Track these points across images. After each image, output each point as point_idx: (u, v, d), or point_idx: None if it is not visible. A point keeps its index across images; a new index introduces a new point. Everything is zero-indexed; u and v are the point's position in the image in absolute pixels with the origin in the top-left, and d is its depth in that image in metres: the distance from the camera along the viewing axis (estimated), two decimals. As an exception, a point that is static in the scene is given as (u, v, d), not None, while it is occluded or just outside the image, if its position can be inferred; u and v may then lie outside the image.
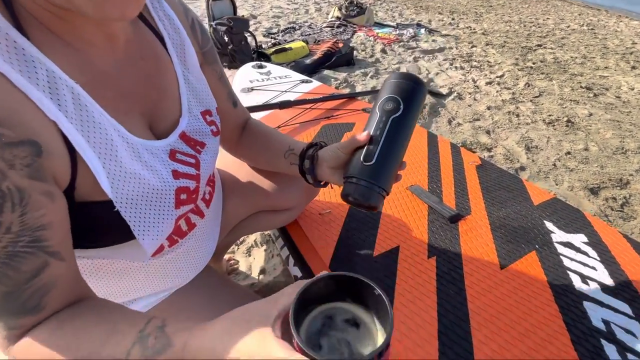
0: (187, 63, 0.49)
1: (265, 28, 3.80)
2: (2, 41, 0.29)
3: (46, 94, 0.31)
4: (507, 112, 2.14)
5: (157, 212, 0.40)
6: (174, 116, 0.46)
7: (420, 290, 0.64)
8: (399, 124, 0.46)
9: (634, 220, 1.31)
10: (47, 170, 0.31)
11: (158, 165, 0.41)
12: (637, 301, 0.63)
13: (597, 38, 4.59)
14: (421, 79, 0.49)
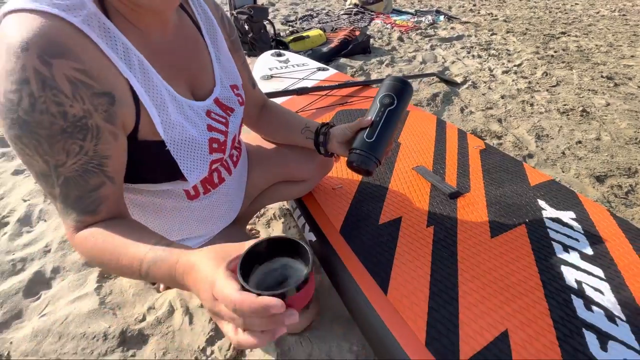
0: (218, 47, 0.61)
1: (283, 15, 3.86)
2: (96, 24, 0.42)
3: (122, 60, 0.44)
4: (521, 101, 2.16)
5: (196, 154, 0.53)
6: (210, 86, 0.59)
7: (417, 252, 0.75)
8: (392, 113, 0.64)
9: (636, 207, 1.35)
10: (118, 116, 0.44)
11: (196, 119, 0.54)
12: (611, 267, 0.72)
13: (628, 25, 4.38)
14: (409, 82, 0.65)
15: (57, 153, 0.40)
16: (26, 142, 0.39)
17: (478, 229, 0.81)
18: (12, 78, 0.36)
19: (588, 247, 0.77)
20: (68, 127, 0.39)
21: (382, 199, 0.91)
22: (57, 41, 0.37)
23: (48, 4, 0.38)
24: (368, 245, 0.76)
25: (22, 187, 1.28)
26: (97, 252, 0.44)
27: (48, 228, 1.12)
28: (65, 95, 0.38)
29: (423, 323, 0.60)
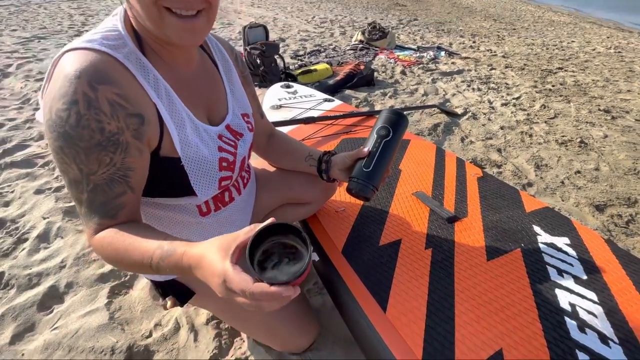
0: (232, 81, 0.70)
1: (292, 50, 4.12)
2: (134, 59, 0.51)
3: (152, 88, 0.52)
4: (520, 132, 2.24)
5: (206, 171, 0.60)
6: (223, 113, 0.67)
7: (415, 273, 0.78)
8: (388, 144, 0.69)
9: (637, 237, 1.36)
10: (145, 134, 0.51)
11: (209, 141, 0.61)
12: (604, 292, 0.74)
13: (624, 61, 4.55)
14: (404, 114, 0.70)
15: (91, 163, 0.47)
16: (67, 152, 0.46)
17: (475, 252, 0.85)
18: (64, 99, 0.44)
19: (582, 272, 0.79)
20: (103, 141, 0.47)
21: (382, 222, 0.96)
22: (103, 71, 0.46)
23: (99, 44, 0.47)
24: (368, 265, 0.80)
25: (42, 206, 1.36)
26: (112, 249, 0.49)
27: (65, 245, 1.18)
28: (105, 114, 0.46)
29: (420, 340, 0.63)
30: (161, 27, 0.48)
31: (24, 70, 2.84)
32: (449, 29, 6.58)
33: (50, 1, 6.93)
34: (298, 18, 6.66)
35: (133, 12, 0.50)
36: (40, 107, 0.50)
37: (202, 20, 0.50)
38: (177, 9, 0.47)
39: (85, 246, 1.18)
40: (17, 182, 1.49)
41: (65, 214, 1.32)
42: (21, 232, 1.23)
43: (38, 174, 1.56)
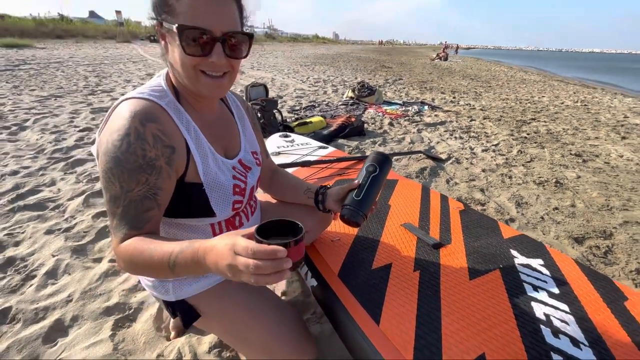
0: (244, 126, 0.86)
1: (289, 106, 4.49)
2: (172, 106, 0.66)
3: (184, 127, 0.66)
4: (501, 174, 2.42)
5: (222, 194, 0.72)
6: (237, 150, 0.81)
7: (405, 291, 0.86)
8: (375, 179, 0.81)
9: (616, 265, 1.45)
10: (174, 162, 0.63)
11: (225, 170, 0.74)
12: (575, 303, 0.82)
13: (590, 112, 5.02)
14: (389, 156, 0.85)
15: (131, 181, 0.59)
16: (114, 172, 0.58)
17: (458, 273, 0.93)
18: (119, 132, 0.58)
19: (555, 287, 0.87)
20: (144, 165, 0.59)
21: (374, 249, 1.05)
22: (150, 113, 0.61)
23: (147, 95, 0.62)
24: (362, 286, 0.88)
25: (52, 245, 1.42)
26: (136, 252, 0.57)
27: (72, 280, 1.23)
28: (149, 144, 0.59)
29: (411, 347, 0.69)
30: (196, 84, 0.64)
31: (40, 125, 3.06)
32: (431, 86, 7.26)
33: (67, 65, 7.59)
34: (294, 78, 7.33)
35: (175, 73, 0.67)
36: (96, 142, 0.63)
37: (227, 79, 0.67)
38: (209, 72, 0.64)
39: (93, 281, 1.22)
40: (28, 224, 1.56)
41: (74, 252, 1.38)
42: (30, 270, 1.27)
43: (49, 216, 1.64)
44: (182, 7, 0.57)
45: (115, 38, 20.92)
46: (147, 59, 10.16)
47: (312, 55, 17.42)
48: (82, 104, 3.93)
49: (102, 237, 1.51)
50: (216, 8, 0.58)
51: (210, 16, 0.58)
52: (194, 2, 0.57)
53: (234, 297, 0.82)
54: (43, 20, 23.32)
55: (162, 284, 0.79)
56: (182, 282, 0.79)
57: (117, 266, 0.66)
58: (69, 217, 1.64)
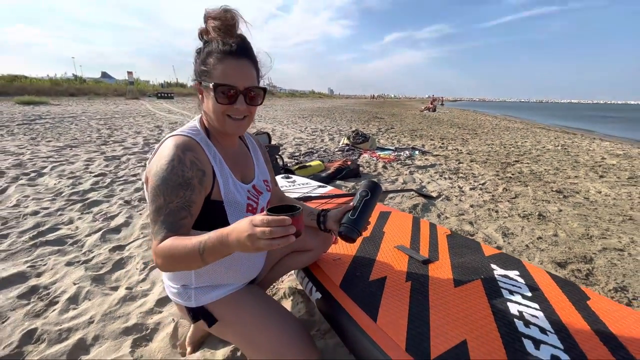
0: (257, 159, 1.06)
1: (289, 152, 4.81)
2: (204, 141, 0.86)
3: (212, 157, 0.85)
4: (488, 209, 2.60)
5: (238, 211, 0.88)
6: (251, 177, 1.00)
7: (398, 296, 0.98)
8: (368, 202, 0.98)
9: (596, 286, 1.56)
10: (204, 182, 0.81)
11: (242, 192, 0.92)
12: (544, 303, 0.95)
13: (570, 155, 5.37)
14: (379, 183, 1.02)
15: (172, 195, 0.76)
16: (161, 188, 0.76)
17: (444, 282, 1.06)
18: (166, 159, 0.77)
19: (528, 291, 1.01)
20: (182, 182, 0.77)
21: (371, 265, 1.19)
22: (188, 145, 0.80)
23: (187, 133, 0.83)
24: (361, 293, 1.00)
25: (73, 274, 1.53)
26: (172, 247, 0.72)
27: (93, 305, 1.32)
28: (187, 167, 0.78)
29: (403, 337, 0.80)
30: (223, 125, 0.86)
31: (58, 171, 3.28)
32: (421, 134, 7.76)
33: (80, 119, 8.10)
34: (293, 129, 7.83)
35: (207, 118, 0.88)
36: (147, 168, 0.82)
37: (246, 121, 0.88)
38: (233, 116, 0.85)
39: (112, 305, 1.32)
40: (49, 257, 1.68)
41: (94, 280, 1.48)
42: (52, 296, 1.37)
43: (68, 250, 1.76)
44: (217, 72, 0.80)
45: (124, 95, 22.38)
46: (155, 114, 10.84)
47: (309, 109, 18.58)
48: (96, 153, 4.21)
49: (119, 268, 1.62)
50: (240, 71, 0.81)
51: (236, 77, 0.80)
52: (225, 68, 0.80)
53: (248, 305, 0.94)
54: (58, 81, 25.12)
55: (186, 290, 0.92)
56: (203, 289, 0.92)
57: (155, 263, 0.79)
58: (87, 251, 1.76)
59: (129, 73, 24.84)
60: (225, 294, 0.94)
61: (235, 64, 0.79)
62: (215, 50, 0.79)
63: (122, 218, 2.19)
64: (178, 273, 0.93)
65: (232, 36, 0.80)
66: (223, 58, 0.79)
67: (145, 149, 4.63)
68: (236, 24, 0.81)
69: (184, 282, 0.93)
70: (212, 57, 0.79)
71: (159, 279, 1.52)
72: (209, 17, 0.80)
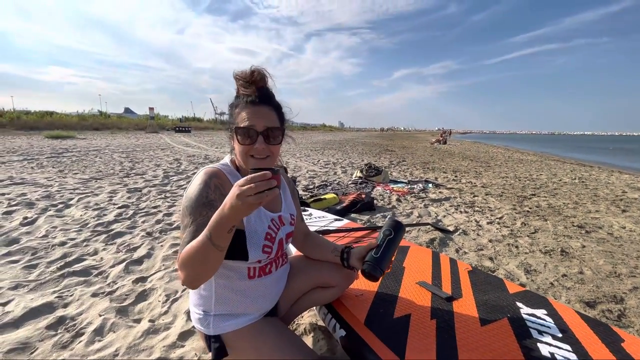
0: (285, 194, 1.11)
1: (303, 185, 4.89)
2: (232, 173, 0.92)
3: None
4: (507, 244, 2.55)
5: (256, 237, 0.92)
6: (279, 209, 1.04)
7: (424, 335, 0.97)
8: (391, 241, 0.99)
9: (630, 328, 1.49)
10: None
11: (264, 219, 0.96)
12: (576, 344, 0.92)
13: (588, 188, 5.27)
14: (402, 223, 1.04)
15: (196, 214, 0.82)
16: (188, 208, 0.82)
17: (470, 321, 1.05)
18: (196, 184, 0.85)
19: (558, 331, 0.98)
20: (206, 202, 0.83)
21: (394, 302, 1.19)
22: (215, 174, 0.88)
23: (217, 165, 0.91)
24: (386, 332, 1.00)
25: (98, 306, 1.56)
26: (187, 250, 0.75)
27: (117, 337, 1.34)
28: (211, 190, 0.85)
29: (433, 378, 0.79)
30: (247, 164, 0.93)
31: (84, 202, 3.43)
32: (433, 167, 7.80)
33: (104, 152, 8.53)
34: (306, 161, 8.01)
35: (236, 157, 0.96)
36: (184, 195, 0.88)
37: (268, 160, 0.95)
38: (256, 156, 0.93)
39: (136, 337, 1.33)
40: (76, 288, 1.73)
41: (118, 312, 1.51)
42: (79, 327, 1.40)
43: (93, 281, 1.81)
44: (240, 117, 0.89)
45: (145, 129, 23.56)
46: (174, 147, 11.32)
47: (320, 142, 19.02)
48: (119, 185, 4.39)
49: (142, 299, 1.65)
50: (259, 114, 0.89)
51: (254, 119, 0.88)
52: (246, 113, 0.88)
53: (264, 336, 0.96)
54: (85, 116, 26.82)
55: (206, 317, 0.96)
56: (222, 317, 0.96)
57: (180, 281, 0.82)
58: (111, 282, 1.81)
59: (150, 109, 26.33)
60: (243, 324, 0.96)
61: (254, 109, 0.88)
62: (241, 101, 0.90)
63: (144, 250, 2.26)
64: (201, 298, 0.97)
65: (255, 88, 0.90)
66: (245, 106, 0.89)
67: (165, 182, 4.81)
68: (263, 80, 0.91)
69: (205, 308, 0.97)
70: (237, 107, 0.90)
71: (181, 312, 1.54)
72: (236, 77, 0.91)
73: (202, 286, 0.97)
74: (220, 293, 0.95)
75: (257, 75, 0.90)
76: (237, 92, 0.92)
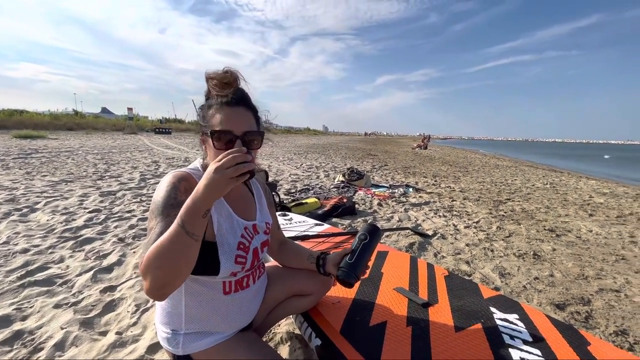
0: (261, 203, 1.08)
1: (285, 189, 4.85)
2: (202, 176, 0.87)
3: None
4: (483, 248, 2.62)
5: (228, 247, 0.87)
6: (253, 217, 1.00)
7: (400, 343, 0.97)
8: (366, 246, 0.97)
9: (597, 329, 1.55)
10: None
11: (237, 228, 0.92)
12: (546, 349, 0.94)
13: (558, 193, 5.52)
14: (378, 227, 1.02)
15: (163, 214, 0.76)
16: (155, 211, 0.77)
17: (445, 327, 1.06)
18: (162, 187, 0.80)
19: (528, 336, 1.00)
20: (174, 203, 0.78)
21: (371, 309, 1.18)
22: (184, 176, 0.83)
23: (186, 169, 0.87)
24: (362, 340, 0.99)
25: (61, 318, 1.46)
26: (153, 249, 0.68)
27: (80, 352, 1.26)
28: (180, 192, 0.80)
29: (407, 387, 0.79)
30: None
31: (51, 207, 3.24)
32: (414, 171, 7.94)
33: (77, 153, 8.14)
34: (289, 165, 7.96)
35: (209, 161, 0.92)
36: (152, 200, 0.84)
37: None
38: None
39: (101, 352, 1.25)
40: (37, 299, 1.62)
41: (82, 324, 1.42)
42: (37, 342, 1.30)
43: (57, 291, 1.70)
44: (215, 120, 0.84)
45: (123, 130, 22.75)
46: (153, 149, 10.98)
47: (304, 145, 19.01)
48: (92, 188, 4.20)
49: (109, 310, 1.56)
50: (236, 118, 0.84)
51: (232, 123, 0.83)
52: (222, 116, 0.83)
53: (237, 354, 0.90)
54: (58, 115, 25.52)
55: (175, 336, 0.90)
56: (192, 336, 0.90)
57: (145, 291, 0.72)
58: (77, 292, 1.70)
59: (129, 109, 25.46)
60: (215, 343, 0.91)
61: (231, 112, 0.83)
62: (215, 102, 0.84)
63: (115, 256, 2.15)
64: (168, 316, 0.91)
65: (230, 89, 0.86)
66: (220, 108, 0.83)
67: (142, 184, 4.64)
68: (236, 81, 0.87)
69: (174, 327, 0.90)
70: (211, 109, 0.84)
71: (152, 323, 1.47)
72: (209, 77, 0.86)
73: (170, 303, 0.90)
74: (192, 311, 0.89)
75: (231, 76, 0.87)
76: (208, 93, 0.88)
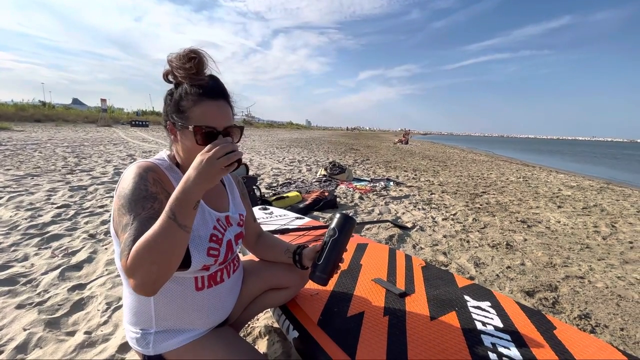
0: (233, 195, 1.05)
1: (267, 183, 4.79)
2: (169, 167, 0.84)
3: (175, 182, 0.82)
4: (460, 239, 2.69)
5: (200, 239, 0.84)
6: (225, 209, 0.97)
7: (376, 333, 0.98)
8: (335, 242, 0.92)
9: (562, 314, 1.63)
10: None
11: (209, 219, 0.88)
12: (515, 334, 0.98)
13: (530, 186, 5.76)
14: (350, 217, 0.94)
15: (138, 208, 0.72)
16: (125, 206, 0.72)
17: (421, 316, 1.07)
18: (128, 180, 0.75)
19: (500, 322, 1.04)
20: (147, 196, 0.74)
21: (349, 300, 1.18)
22: (150, 167, 0.79)
23: (151, 160, 0.82)
24: (339, 331, 0.99)
25: (24, 319, 1.38)
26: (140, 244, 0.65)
27: (44, 354, 1.19)
28: (150, 183, 0.76)
29: (382, 376, 0.79)
30: None
31: (15, 202, 3.05)
32: (395, 165, 8.06)
33: (45, 146, 7.69)
34: (271, 159, 7.87)
35: (181, 157, 0.87)
36: (114, 199, 0.79)
37: None
38: None
39: (67, 353, 1.19)
40: (-3, 299, 1.52)
41: (48, 325, 1.35)
42: (-3, 345, 1.22)
43: (20, 291, 1.60)
44: (195, 114, 0.79)
45: (96, 122, 21.69)
46: (129, 142, 10.54)
47: (287, 139, 18.86)
48: (61, 182, 3.98)
49: (78, 309, 1.49)
50: (218, 112, 0.81)
51: (215, 118, 0.80)
52: (203, 110, 0.79)
53: (212, 352, 0.87)
54: (24, 106, 23.91)
55: (144, 336, 0.85)
56: (164, 334, 0.85)
57: (132, 285, 0.68)
58: (42, 291, 1.61)
59: (103, 100, 24.27)
60: (188, 340, 0.86)
61: (213, 105, 0.79)
62: (190, 92, 0.79)
63: (84, 253, 2.05)
64: (136, 316, 0.86)
65: (202, 76, 0.80)
66: (199, 100, 0.78)
67: (115, 179, 4.45)
68: (204, 64, 0.80)
69: (144, 326, 0.85)
70: (187, 100, 0.79)
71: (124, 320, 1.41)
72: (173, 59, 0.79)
73: (138, 302, 0.85)
74: (162, 309, 0.84)
75: (199, 63, 0.81)
76: (174, 77, 0.81)
